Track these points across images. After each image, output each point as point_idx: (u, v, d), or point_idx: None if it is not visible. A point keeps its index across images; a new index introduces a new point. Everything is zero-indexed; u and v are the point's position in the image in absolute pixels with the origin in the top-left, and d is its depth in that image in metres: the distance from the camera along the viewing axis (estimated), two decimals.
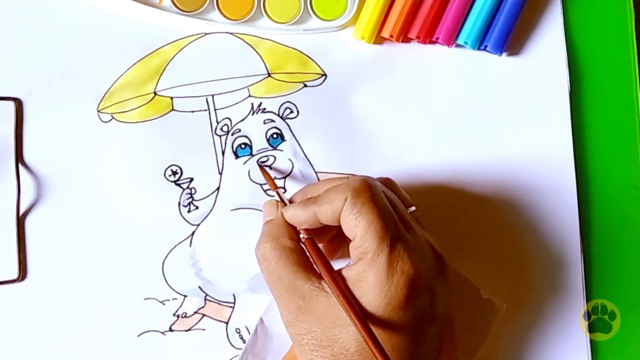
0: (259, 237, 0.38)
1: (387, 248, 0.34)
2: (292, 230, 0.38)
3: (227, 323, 0.44)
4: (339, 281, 0.35)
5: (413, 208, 0.39)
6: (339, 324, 0.34)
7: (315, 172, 0.45)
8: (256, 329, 0.42)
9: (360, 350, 0.34)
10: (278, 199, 0.41)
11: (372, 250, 0.34)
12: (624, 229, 0.46)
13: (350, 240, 0.36)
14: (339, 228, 0.38)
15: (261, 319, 0.43)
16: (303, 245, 0.38)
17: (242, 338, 0.44)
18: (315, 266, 0.37)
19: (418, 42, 0.46)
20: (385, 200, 0.36)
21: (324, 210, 0.36)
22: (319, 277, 0.36)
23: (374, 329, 0.33)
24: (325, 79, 0.46)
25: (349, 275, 0.35)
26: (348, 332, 0.34)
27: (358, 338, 0.34)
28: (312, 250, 0.37)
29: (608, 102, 0.47)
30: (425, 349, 0.36)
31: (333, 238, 0.40)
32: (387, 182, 0.40)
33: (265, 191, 0.45)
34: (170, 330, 0.44)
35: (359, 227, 0.35)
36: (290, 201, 0.40)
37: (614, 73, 0.47)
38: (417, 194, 0.41)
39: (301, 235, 0.38)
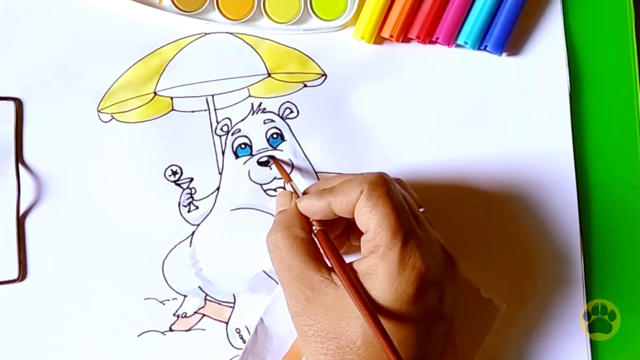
0: (271, 226, 0.38)
1: (399, 243, 0.34)
2: (305, 220, 0.38)
3: (227, 323, 0.44)
4: (349, 273, 0.35)
5: (422, 209, 0.39)
6: (347, 317, 0.35)
7: (315, 172, 0.45)
8: (256, 329, 0.42)
9: (366, 344, 0.34)
10: (291, 189, 0.41)
11: (385, 244, 0.34)
12: (624, 229, 0.46)
13: (361, 234, 0.36)
14: (346, 223, 0.38)
15: (261, 319, 0.43)
16: (314, 237, 0.38)
17: (242, 338, 0.44)
18: (325, 258, 0.37)
19: (418, 42, 0.46)
20: (400, 196, 0.36)
21: (338, 201, 0.36)
22: (329, 269, 0.36)
23: (382, 322, 0.33)
24: (325, 79, 0.46)
25: (359, 268, 0.35)
26: (355, 324, 0.34)
27: (365, 331, 0.34)
28: (324, 242, 0.37)
29: (608, 102, 0.47)
30: (431, 346, 0.36)
31: (339, 233, 0.40)
32: (398, 182, 0.40)
33: (265, 191, 0.45)
34: (170, 330, 0.44)
35: (372, 220, 0.35)
36: (304, 193, 0.40)
37: (614, 73, 0.47)
38: (416, 193, 0.41)
39: (314, 227, 0.38)
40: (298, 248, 0.37)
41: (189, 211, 0.45)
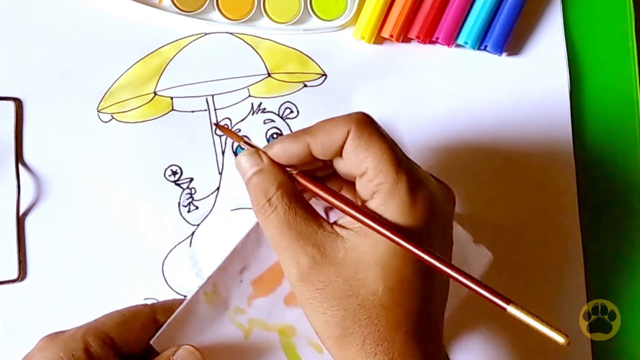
0: (253, 192, 0.34)
1: (405, 176, 0.32)
2: (286, 173, 0.34)
3: None
4: (358, 206, 0.32)
5: None
6: (364, 267, 0.32)
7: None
8: (249, 232, 0.38)
9: (387, 288, 0.32)
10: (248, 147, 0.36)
11: (391, 179, 0.32)
12: (624, 229, 0.46)
13: (342, 182, 0.34)
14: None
15: (257, 224, 0.37)
16: (297, 178, 0.34)
17: None
18: (319, 203, 0.34)
19: (418, 42, 0.46)
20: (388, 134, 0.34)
21: (319, 141, 0.33)
22: (330, 222, 0.33)
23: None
24: (325, 79, 0.46)
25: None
26: (374, 273, 0.32)
27: (386, 277, 0.32)
28: (312, 182, 0.34)
29: (608, 102, 0.47)
30: (441, 280, 0.34)
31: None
32: None
33: None
34: None
35: (370, 157, 0.32)
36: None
37: (614, 73, 0.47)
38: None
39: (291, 171, 0.34)
40: (296, 204, 0.33)
41: (189, 211, 0.45)
